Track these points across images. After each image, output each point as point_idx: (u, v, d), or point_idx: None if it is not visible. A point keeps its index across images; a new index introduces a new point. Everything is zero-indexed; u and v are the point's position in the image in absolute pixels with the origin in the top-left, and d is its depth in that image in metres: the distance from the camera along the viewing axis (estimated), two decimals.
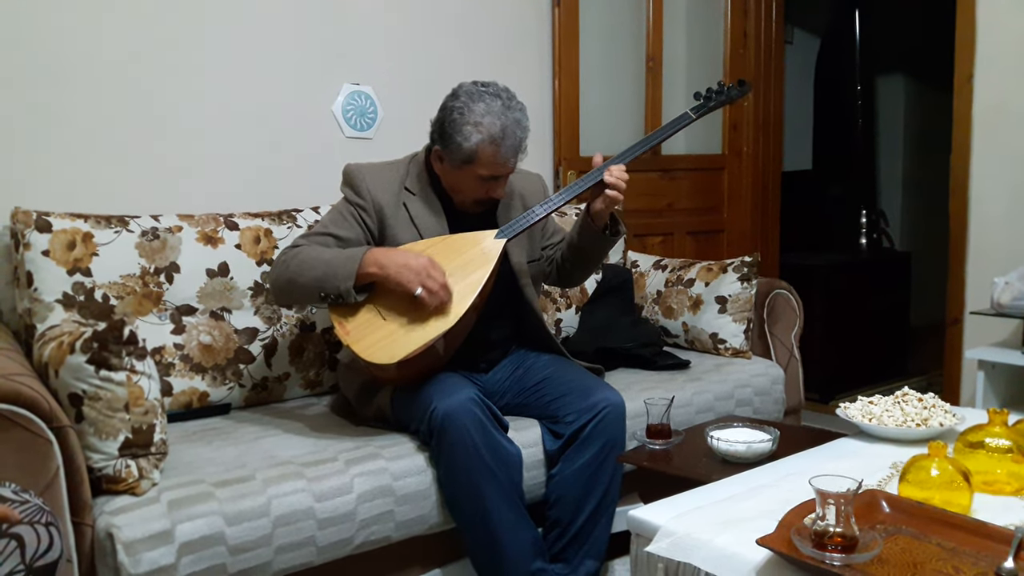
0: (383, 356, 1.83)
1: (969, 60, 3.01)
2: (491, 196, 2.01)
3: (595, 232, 2.05)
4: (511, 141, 1.92)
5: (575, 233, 2.12)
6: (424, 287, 1.83)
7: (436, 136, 1.99)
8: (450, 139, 1.93)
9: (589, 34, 3.28)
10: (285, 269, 1.92)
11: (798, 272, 3.84)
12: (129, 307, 2.05)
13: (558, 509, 1.96)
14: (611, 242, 2.10)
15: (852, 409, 1.75)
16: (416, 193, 2.05)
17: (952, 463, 1.34)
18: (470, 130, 1.90)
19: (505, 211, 2.13)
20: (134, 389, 1.57)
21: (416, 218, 2.03)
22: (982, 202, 3.01)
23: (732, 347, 2.68)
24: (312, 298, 1.92)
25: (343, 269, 1.85)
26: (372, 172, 2.05)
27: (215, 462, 1.74)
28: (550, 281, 2.29)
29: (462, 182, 1.99)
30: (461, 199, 2.04)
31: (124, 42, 2.29)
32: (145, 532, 1.48)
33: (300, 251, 1.93)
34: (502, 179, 1.99)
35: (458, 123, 1.91)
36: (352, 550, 1.75)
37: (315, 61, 2.62)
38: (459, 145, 1.91)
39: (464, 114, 1.91)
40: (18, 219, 1.97)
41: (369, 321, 1.89)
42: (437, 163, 2.01)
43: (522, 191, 2.19)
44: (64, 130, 2.21)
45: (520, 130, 1.94)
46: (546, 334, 2.19)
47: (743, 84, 2.14)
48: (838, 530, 1.12)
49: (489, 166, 1.93)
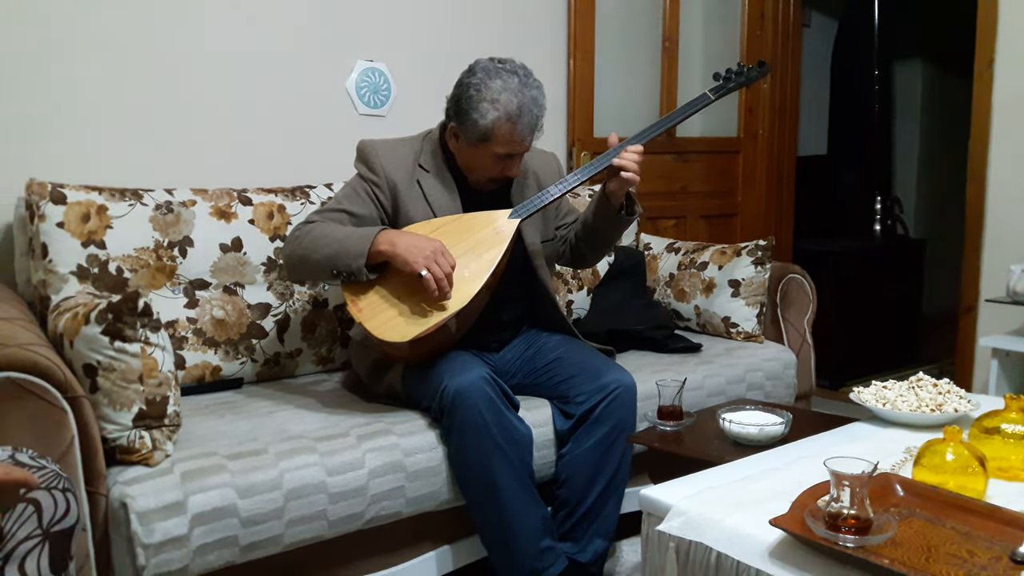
0: (395, 334, 1.83)
1: (990, 46, 2.97)
2: (506, 175, 2.00)
3: (610, 212, 2.04)
4: (528, 119, 1.90)
5: (590, 213, 2.11)
6: (429, 270, 1.82)
7: (452, 113, 1.98)
8: (466, 116, 1.92)
9: (605, 13, 3.25)
10: (298, 245, 1.92)
11: (811, 257, 3.81)
12: (143, 280, 2.05)
13: (567, 489, 1.96)
14: (626, 222, 2.09)
15: (866, 393, 1.74)
16: (430, 170, 2.04)
17: (968, 448, 1.33)
18: (487, 107, 1.89)
19: (520, 190, 2.12)
20: (148, 361, 1.57)
21: (429, 195, 2.02)
22: (1000, 189, 2.98)
23: (744, 331, 2.67)
24: (324, 275, 1.93)
25: (355, 247, 1.85)
26: (386, 148, 2.04)
27: (228, 435, 1.75)
28: (563, 261, 2.28)
29: (477, 160, 1.98)
30: (476, 177, 2.03)
31: (140, 18, 2.28)
32: (158, 503, 1.50)
33: (313, 227, 1.92)
34: (517, 157, 1.98)
35: (474, 100, 1.90)
36: (363, 525, 1.76)
37: (329, 38, 2.61)
38: (475, 122, 1.90)
39: (481, 91, 1.90)
40: (33, 191, 1.97)
41: (382, 299, 1.88)
42: (452, 140, 2.00)
43: (536, 170, 2.17)
44: (79, 103, 2.21)
45: (537, 108, 1.92)
46: (559, 315, 2.18)
47: (763, 65, 2.12)
48: (852, 512, 1.11)
49: (505, 144, 1.92)
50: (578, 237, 2.18)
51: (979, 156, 3.02)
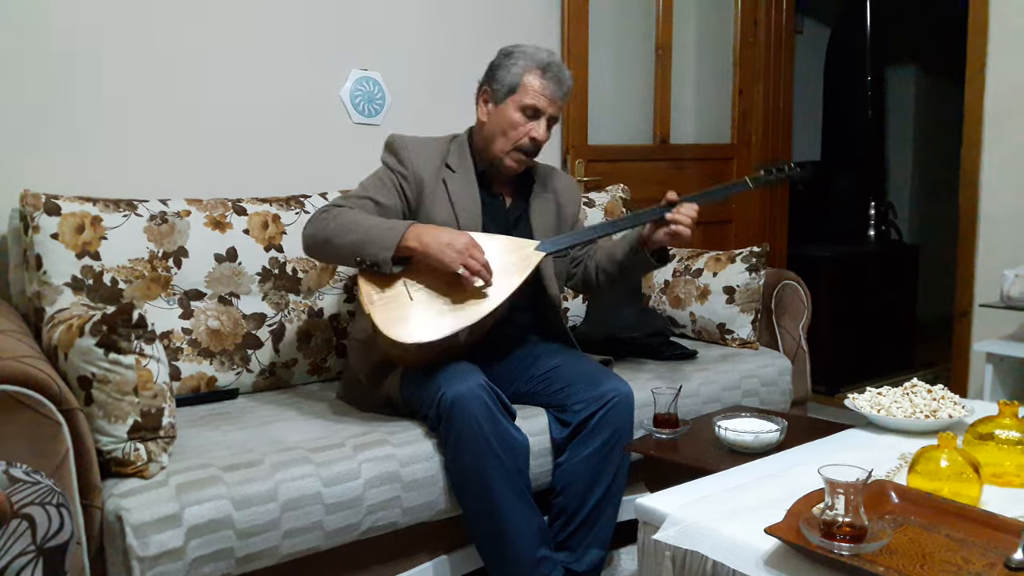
0: (403, 334, 1.83)
1: (981, 52, 2.98)
2: (532, 137, 2.01)
3: (643, 256, 2.07)
4: (555, 73, 1.99)
5: (621, 252, 2.13)
6: (466, 267, 1.84)
7: (484, 79, 2.06)
8: (497, 71, 2.02)
9: (598, 21, 3.26)
10: (324, 227, 1.91)
11: (806, 263, 3.82)
12: (137, 291, 2.05)
13: (564, 497, 1.96)
14: (657, 268, 2.14)
15: (861, 400, 1.74)
16: (456, 171, 2.06)
17: (962, 454, 1.33)
18: (517, 58, 2.00)
19: (540, 203, 2.15)
20: (143, 372, 1.57)
21: (453, 196, 2.03)
22: (993, 194, 2.99)
23: (739, 338, 2.67)
24: (346, 260, 1.92)
25: (384, 239, 1.85)
26: (416, 144, 2.06)
27: (223, 446, 1.74)
28: (572, 283, 2.29)
29: (504, 119, 2.00)
30: (501, 149, 2.02)
31: (134, 29, 2.28)
32: (154, 515, 1.49)
33: (342, 212, 1.92)
34: (544, 119, 2.01)
35: (505, 62, 2.01)
36: (359, 535, 1.75)
37: (323, 46, 2.61)
38: (505, 73, 2.00)
39: (511, 54, 2.02)
40: (27, 202, 1.97)
41: (396, 297, 1.88)
42: (482, 108, 2.05)
43: (557, 188, 2.21)
44: (73, 115, 2.21)
45: (564, 73, 2.02)
46: (563, 327, 2.20)
47: (803, 167, 2.18)
48: (847, 520, 1.11)
49: (533, 95, 1.98)
50: (600, 268, 2.20)
51: (971, 161, 3.04)
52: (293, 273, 2.27)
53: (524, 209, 2.13)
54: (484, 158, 2.08)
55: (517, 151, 2.02)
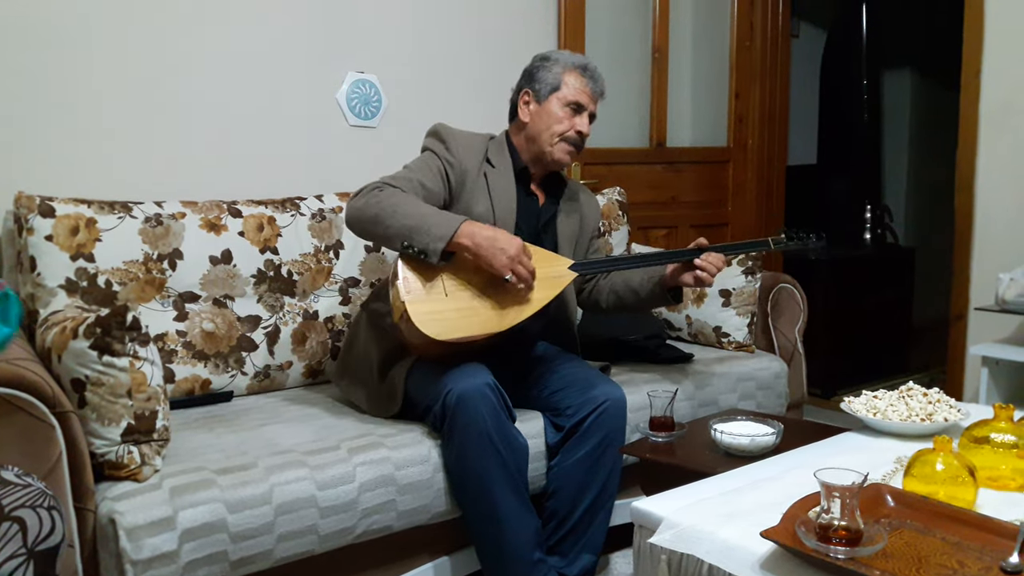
0: (432, 328, 1.83)
1: (977, 55, 2.99)
2: (578, 130, 2.08)
3: (662, 291, 2.13)
4: (593, 72, 2.11)
5: (640, 283, 2.17)
6: (515, 272, 1.86)
7: (524, 83, 2.14)
8: (537, 72, 2.11)
9: (595, 25, 3.26)
10: (375, 204, 1.89)
11: (802, 267, 3.82)
12: (132, 293, 2.04)
13: (556, 501, 1.96)
14: (670, 304, 2.22)
15: (856, 403, 1.74)
16: (496, 167, 2.09)
17: (957, 458, 1.33)
18: (555, 62, 2.10)
19: (567, 211, 2.20)
20: (137, 375, 1.56)
21: (493, 190, 2.06)
22: (988, 198, 3.00)
23: (736, 341, 2.67)
24: (393, 243, 1.89)
25: (439, 229, 1.84)
26: (462, 136, 2.10)
27: (217, 449, 1.74)
28: (580, 299, 2.31)
29: (549, 116, 2.07)
30: (550, 143, 2.08)
31: (131, 32, 2.28)
32: (147, 518, 1.48)
33: (395, 193, 1.90)
34: (586, 114, 2.10)
35: (544, 64, 2.11)
36: (354, 539, 1.75)
37: (320, 49, 2.61)
38: (546, 75, 2.09)
39: (549, 58, 2.13)
40: (22, 204, 1.96)
41: (431, 289, 1.88)
42: (524, 109, 2.11)
43: (583, 202, 2.27)
44: (68, 116, 2.20)
45: (599, 73, 2.13)
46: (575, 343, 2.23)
47: (821, 238, 2.25)
48: (843, 523, 1.11)
49: (575, 91, 2.07)
50: (612, 291, 2.22)
51: (967, 165, 3.04)
52: (288, 275, 2.27)
53: (554, 212, 2.18)
54: (527, 156, 2.13)
55: (564, 142, 2.08)
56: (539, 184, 2.19)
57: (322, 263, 2.33)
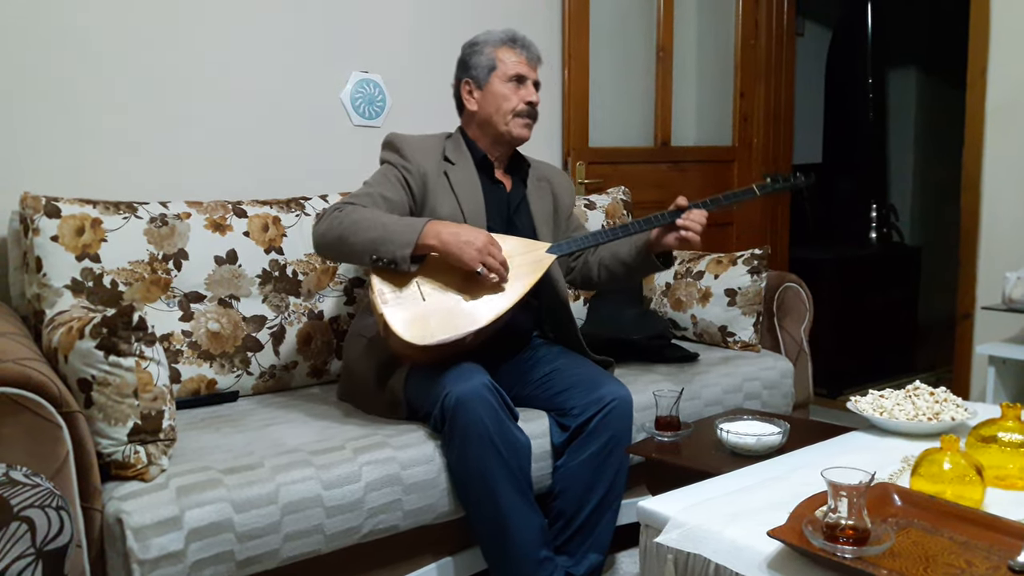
0: (413, 335, 1.82)
1: (982, 54, 2.98)
2: (528, 101, 2.07)
3: (650, 258, 2.10)
4: (523, 41, 2.10)
5: (627, 253, 2.15)
6: (485, 264, 1.85)
7: (460, 73, 2.13)
8: (470, 60, 2.10)
9: (599, 23, 3.26)
10: (337, 225, 1.90)
11: (807, 266, 3.82)
12: (137, 293, 2.05)
13: (563, 501, 1.96)
14: (661, 271, 2.18)
15: (863, 403, 1.74)
16: (455, 163, 2.09)
17: (965, 457, 1.33)
18: (483, 44, 2.09)
19: (536, 191, 2.19)
20: (143, 375, 1.56)
21: (456, 187, 2.05)
22: (994, 197, 2.99)
23: (741, 340, 2.67)
24: (362, 258, 1.90)
25: (402, 236, 1.85)
26: (415, 140, 2.09)
27: (223, 449, 1.74)
28: (571, 278, 2.30)
29: (495, 97, 2.06)
30: (504, 123, 2.07)
31: (135, 32, 2.28)
32: (154, 518, 1.49)
33: (356, 209, 1.91)
34: (530, 83, 2.09)
35: (474, 50, 2.10)
36: (360, 539, 1.75)
37: (324, 49, 2.61)
38: (478, 60, 2.08)
39: (475, 42, 2.12)
40: (27, 204, 1.97)
41: (409, 297, 1.87)
42: (469, 98, 2.10)
43: (551, 180, 2.25)
44: (74, 117, 2.21)
45: (530, 41, 2.11)
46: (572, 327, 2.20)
47: (808, 176, 2.19)
48: (850, 523, 1.11)
49: (512, 65, 2.07)
50: (602, 265, 2.21)
51: (973, 164, 3.03)
52: (293, 275, 2.27)
53: (523, 195, 2.17)
54: (485, 143, 2.12)
55: (518, 117, 2.08)
56: (504, 170, 2.18)
57: (327, 263, 2.33)
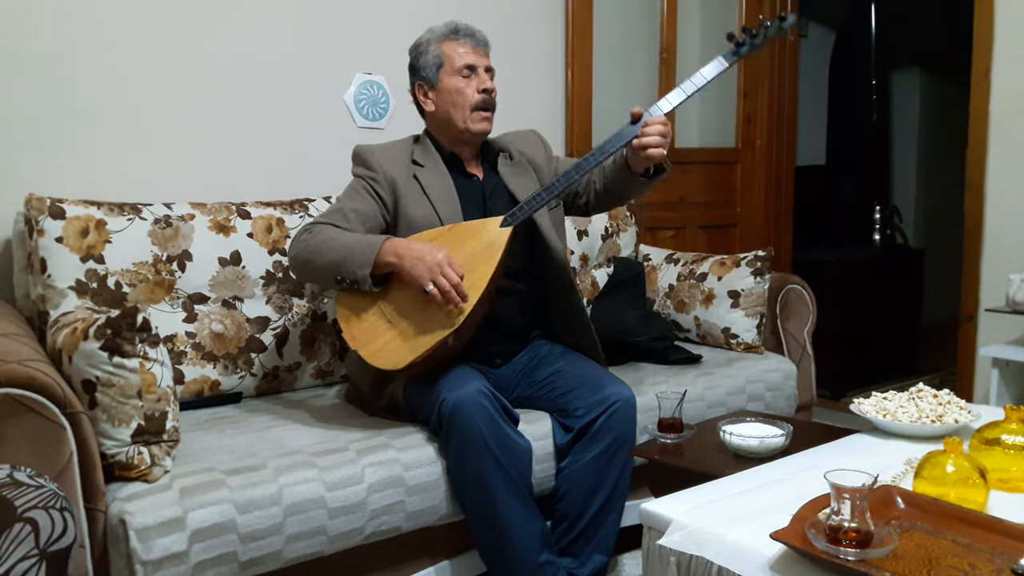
0: (390, 361, 1.85)
1: (987, 55, 2.98)
2: (484, 89, 2.04)
3: (633, 178, 2.02)
4: (466, 31, 2.07)
5: (612, 178, 2.09)
6: (435, 283, 1.82)
7: (412, 78, 2.11)
8: (417, 62, 2.09)
9: (603, 25, 3.26)
10: (305, 247, 1.92)
11: (811, 268, 3.82)
12: (141, 295, 2.05)
13: (566, 503, 1.96)
14: (651, 185, 2.07)
15: (866, 405, 1.74)
16: (424, 164, 2.08)
17: (968, 460, 1.33)
18: (426, 44, 2.07)
19: (510, 170, 2.15)
20: (147, 376, 1.57)
21: (427, 188, 2.04)
22: (998, 198, 2.98)
23: (744, 342, 2.66)
24: (328, 280, 1.92)
25: (361, 255, 1.85)
26: (380, 149, 2.09)
27: (227, 450, 1.74)
28: (589, 208, 2.24)
29: (451, 93, 2.04)
30: (463, 119, 2.04)
31: (139, 34, 2.29)
32: (157, 519, 1.49)
33: (321, 231, 1.92)
34: (482, 70, 2.06)
35: (419, 51, 2.09)
36: (362, 540, 1.75)
37: (327, 50, 2.62)
38: (425, 60, 2.06)
39: (419, 43, 2.10)
40: (32, 205, 1.97)
41: (375, 324, 1.89)
42: (425, 100, 2.09)
43: (521, 148, 2.21)
44: (78, 118, 2.22)
45: (473, 27, 2.08)
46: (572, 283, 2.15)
47: (784, 19, 1.92)
48: (853, 525, 1.11)
49: (460, 56, 2.04)
50: (596, 192, 2.17)
51: (977, 165, 3.03)
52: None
53: (496, 180, 2.14)
54: (449, 140, 2.10)
55: (477, 110, 2.05)
56: (474, 162, 2.16)
57: None
